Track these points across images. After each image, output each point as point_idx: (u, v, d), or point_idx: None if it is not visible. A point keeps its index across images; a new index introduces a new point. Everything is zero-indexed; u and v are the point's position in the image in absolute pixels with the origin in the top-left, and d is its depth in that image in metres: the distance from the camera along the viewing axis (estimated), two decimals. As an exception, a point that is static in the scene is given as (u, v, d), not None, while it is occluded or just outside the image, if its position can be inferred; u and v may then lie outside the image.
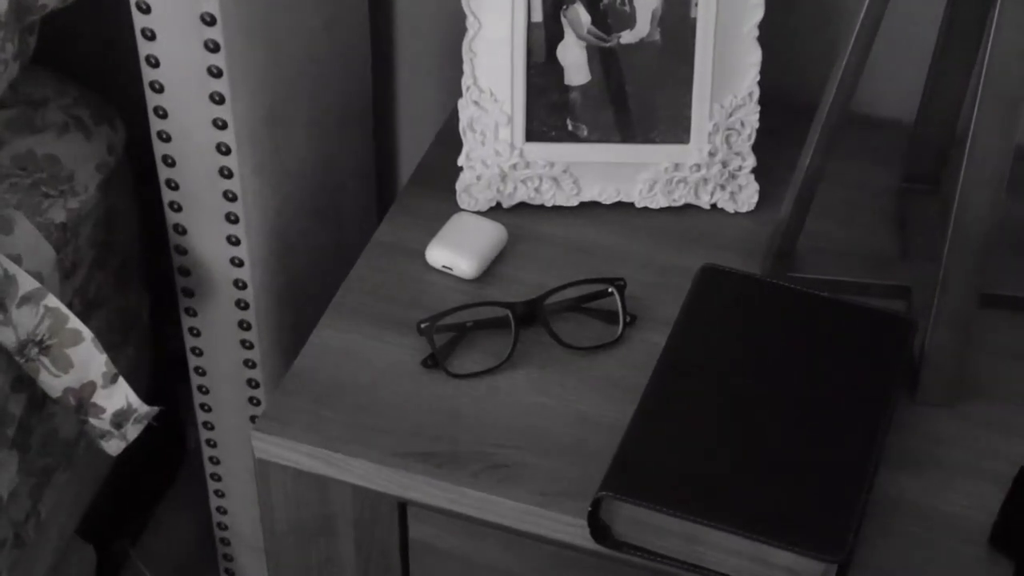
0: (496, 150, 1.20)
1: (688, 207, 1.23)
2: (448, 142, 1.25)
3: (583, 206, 1.23)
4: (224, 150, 1.22)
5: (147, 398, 1.22)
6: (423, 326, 1.10)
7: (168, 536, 1.68)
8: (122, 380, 1.20)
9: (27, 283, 1.17)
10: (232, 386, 1.39)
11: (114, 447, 1.23)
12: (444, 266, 1.17)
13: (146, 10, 1.15)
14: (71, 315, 1.18)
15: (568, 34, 1.17)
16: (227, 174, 1.23)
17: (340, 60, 1.37)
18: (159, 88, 1.20)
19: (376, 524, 1.09)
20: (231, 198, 1.25)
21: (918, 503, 1.02)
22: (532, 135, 1.20)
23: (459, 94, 1.19)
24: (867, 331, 1.07)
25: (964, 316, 1.05)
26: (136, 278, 1.45)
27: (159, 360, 1.54)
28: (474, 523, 1.04)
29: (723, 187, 1.22)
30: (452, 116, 1.24)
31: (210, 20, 1.14)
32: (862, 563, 0.97)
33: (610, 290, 1.13)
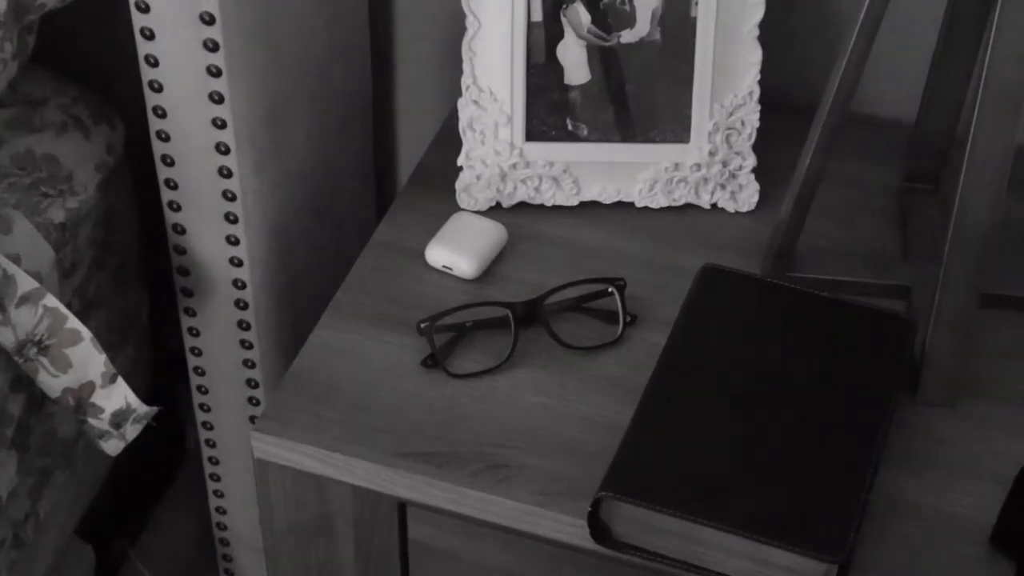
0: (496, 150, 1.20)
1: (688, 207, 1.23)
2: (448, 142, 1.25)
3: (583, 206, 1.23)
4: (223, 150, 1.22)
5: (146, 398, 1.22)
6: (423, 326, 1.10)
7: (167, 536, 1.67)
8: (121, 380, 1.20)
9: (26, 283, 1.16)
10: (231, 386, 1.39)
11: (113, 447, 1.23)
12: (444, 266, 1.17)
13: (145, 9, 1.15)
14: (70, 315, 1.17)
15: (568, 33, 1.17)
16: (226, 174, 1.23)
17: (340, 60, 1.37)
18: (158, 87, 1.20)
19: (376, 524, 1.08)
20: (230, 198, 1.24)
21: (918, 503, 1.02)
22: (532, 135, 1.20)
23: (459, 94, 1.19)
24: (867, 331, 1.07)
25: (964, 316, 1.05)
26: (135, 278, 1.45)
27: (158, 360, 1.54)
28: (474, 523, 1.04)
29: (723, 187, 1.22)
30: (452, 116, 1.24)
31: (209, 19, 1.14)
32: (862, 563, 0.97)
33: (610, 290, 1.13)
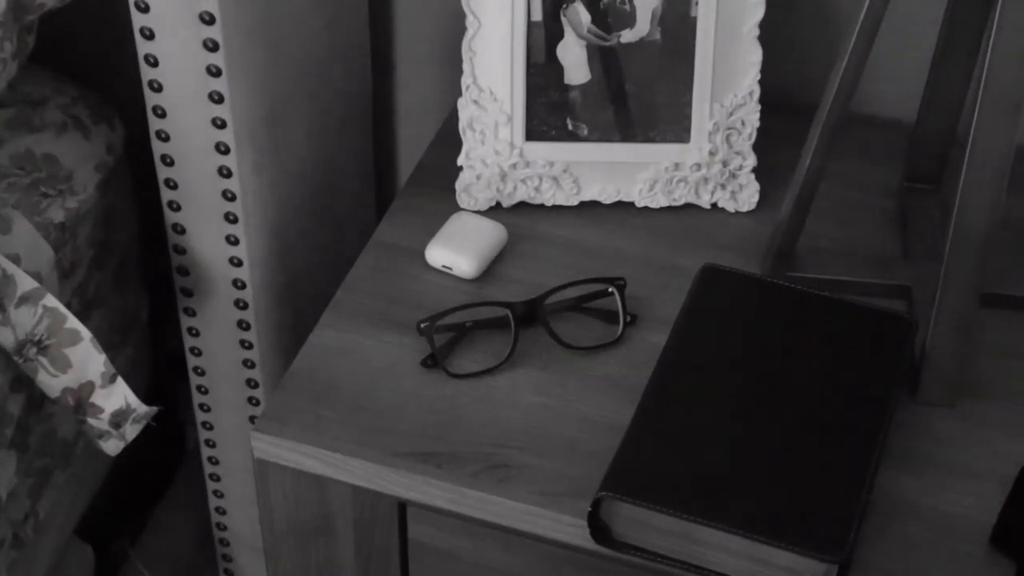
0: (496, 149, 1.20)
1: (688, 207, 1.23)
2: (448, 141, 1.25)
3: (583, 206, 1.23)
4: (223, 149, 1.21)
5: (146, 398, 1.22)
6: (423, 326, 1.10)
7: (167, 536, 1.67)
8: (121, 380, 1.20)
9: (25, 283, 1.16)
10: (231, 386, 1.39)
11: (113, 447, 1.23)
12: (444, 266, 1.17)
13: (145, 9, 1.15)
14: (69, 315, 1.17)
15: (568, 33, 1.17)
16: (226, 173, 1.23)
17: (340, 60, 1.37)
18: (158, 87, 1.20)
19: (375, 524, 1.08)
20: (230, 197, 1.24)
21: (918, 503, 1.02)
22: (532, 134, 1.20)
23: (459, 93, 1.19)
24: (868, 331, 1.07)
25: (965, 316, 1.05)
26: (135, 278, 1.45)
27: (158, 360, 1.54)
28: (474, 523, 1.04)
29: (723, 186, 1.22)
30: (452, 115, 1.24)
31: (209, 19, 1.14)
32: (862, 563, 0.97)
33: (610, 290, 1.13)
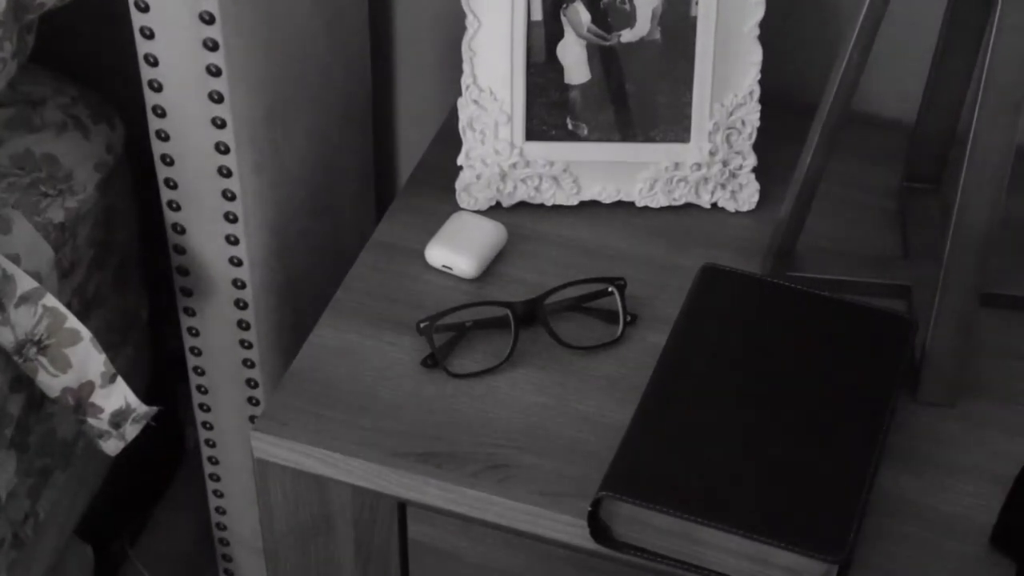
0: (496, 149, 1.20)
1: (688, 206, 1.23)
2: (448, 141, 1.25)
3: (583, 205, 1.23)
4: (223, 149, 1.21)
5: (146, 398, 1.22)
6: (422, 326, 1.10)
7: (167, 536, 1.67)
8: (120, 380, 1.20)
9: (25, 283, 1.16)
10: (231, 386, 1.39)
11: (112, 447, 1.23)
12: (444, 265, 1.17)
13: (145, 8, 1.15)
14: (69, 315, 1.17)
15: (568, 33, 1.17)
16: (226, 173, 1.23)
17: (340, 60, 1.37)
18: (158, 87, 1.20)
19: (375, 524, 1.08)
20: (230, 197, 1.24)
21: (918, 503, 1.02)
22: (532, 134, 1.20)
23: (459, 93, 1.19)
24: (868, 331, 1.07)
25: (965, 316, 1.05)
26: (135, 277, 1.45)
27: (158, 360, 1.54)
28: (474, 523, 1.04)
29: (724, 186, 1.22)
30: (452, 115, 1.24)
31: (209, 19, 1.14)
32: (862, 563, 0.97)
33: (610, 290, 1.13)
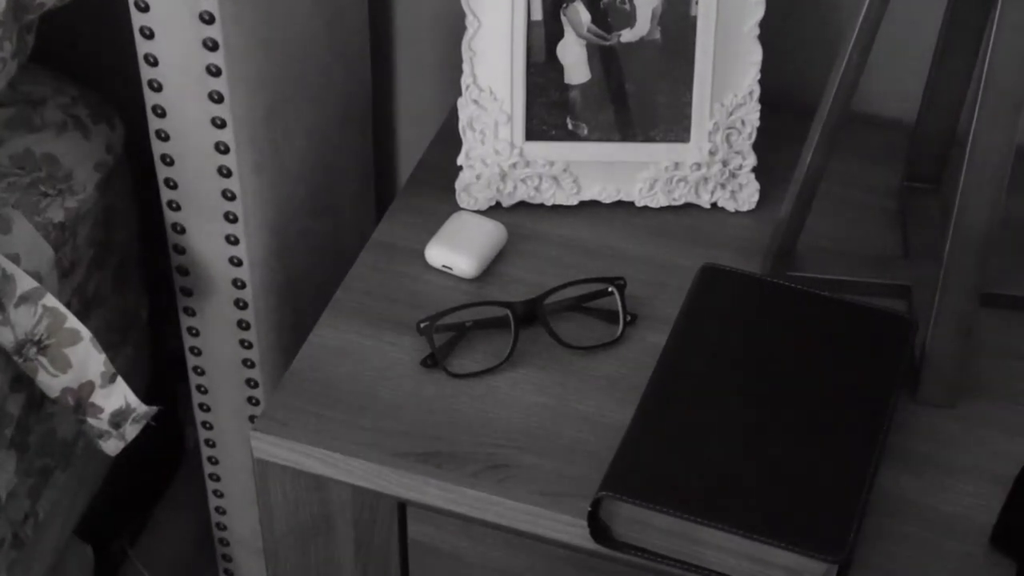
0: (496, 149, 1.20)
1: (688, 206, 1.23)
2: (448, 141, 1.25)
3: (583, 205, 1.23)
4: (223, 149, 1.21)
5: (145, 398, 1.22)
6: (422, 326, 1.10)
7: (166, 536, 1.67)
8: (120, 380, 1.20)
9: (25, 282, 1.16)
10: (231, 386, 1.39)
11: (112, 447, 1.22)
12: (443, 265, 1.17)
13: (145, 8, 1.15)
14: (69, 315, 1.17)
15: (568, 32, 1.17)
16: (226, 173, 1.23)
17: (340, 60, 1.37)
18: (158, 87, 1.20)
19: (375, 524, 1.08)
20: (230, 197, 1.24)
21: (918, 503, 1.02)
22: (532, 134, 1.20)
23: (459, 93, 1.19)
24: (868, 331, 1.07)
25: (965, 316, 1.05)
26: (135, 277, 1.45)
27: (158, 360, 1.54)
28: (474, 523, 1.04)
29: (723, 186, 1.22)
30: (452, 115, 1.24)
31: (209, 18, 1.14)
32: (862, 563, 0.97)
33: (610, 289, 1.13)
